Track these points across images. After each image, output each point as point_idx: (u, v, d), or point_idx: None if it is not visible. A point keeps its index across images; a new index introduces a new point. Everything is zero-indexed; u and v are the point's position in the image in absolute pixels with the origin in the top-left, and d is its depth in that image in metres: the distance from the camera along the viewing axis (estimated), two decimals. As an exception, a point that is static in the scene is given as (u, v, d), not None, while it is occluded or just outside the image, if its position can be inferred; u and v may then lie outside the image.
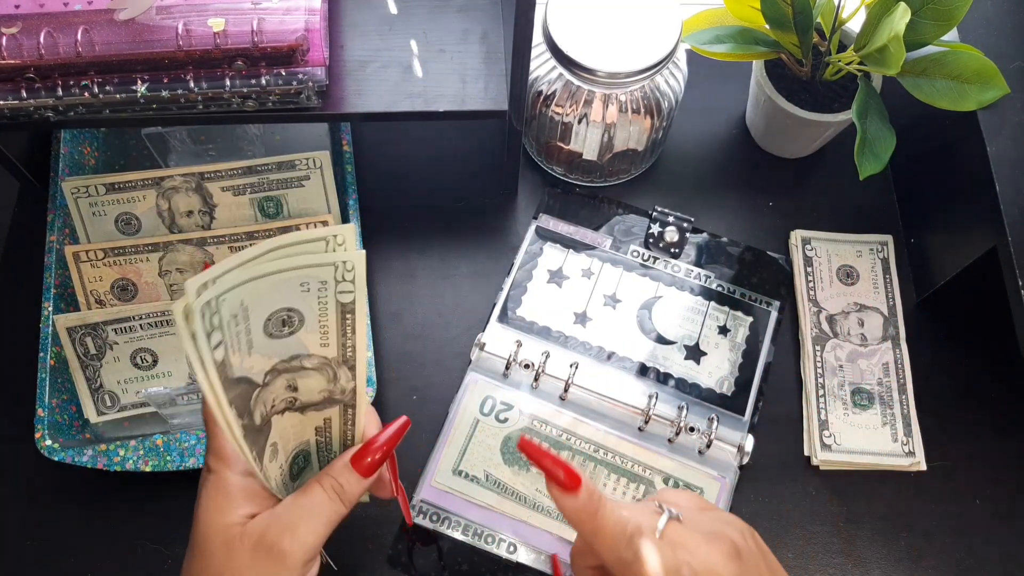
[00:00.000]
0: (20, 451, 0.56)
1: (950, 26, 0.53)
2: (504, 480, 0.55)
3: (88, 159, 0.63)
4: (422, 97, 0.54)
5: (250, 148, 0.64)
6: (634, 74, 0.56)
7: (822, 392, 0.59)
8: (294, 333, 0.35)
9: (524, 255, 0.63)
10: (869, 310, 0.62)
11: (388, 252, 0.64)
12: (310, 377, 0.37)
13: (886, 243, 0.64)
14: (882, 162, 0.55)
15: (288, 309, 0.34)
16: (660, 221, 0.63)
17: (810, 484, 0.57)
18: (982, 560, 0.55)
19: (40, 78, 0.49)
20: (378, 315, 0.61)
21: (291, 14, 0.49)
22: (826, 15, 0.60)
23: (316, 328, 0.35)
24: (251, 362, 0.35)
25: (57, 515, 0.56)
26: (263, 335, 0.34)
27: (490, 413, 0.57)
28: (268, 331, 0.34)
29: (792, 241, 0.64)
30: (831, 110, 0.61)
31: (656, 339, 0.60)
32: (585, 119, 0.60)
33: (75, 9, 0.48)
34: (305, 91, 0.51)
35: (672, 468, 0.55)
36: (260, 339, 0.34)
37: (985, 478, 0.57)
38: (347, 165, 0.61)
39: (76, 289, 0.57)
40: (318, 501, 0.38)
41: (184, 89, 0.50)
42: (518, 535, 0.53)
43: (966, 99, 0.54)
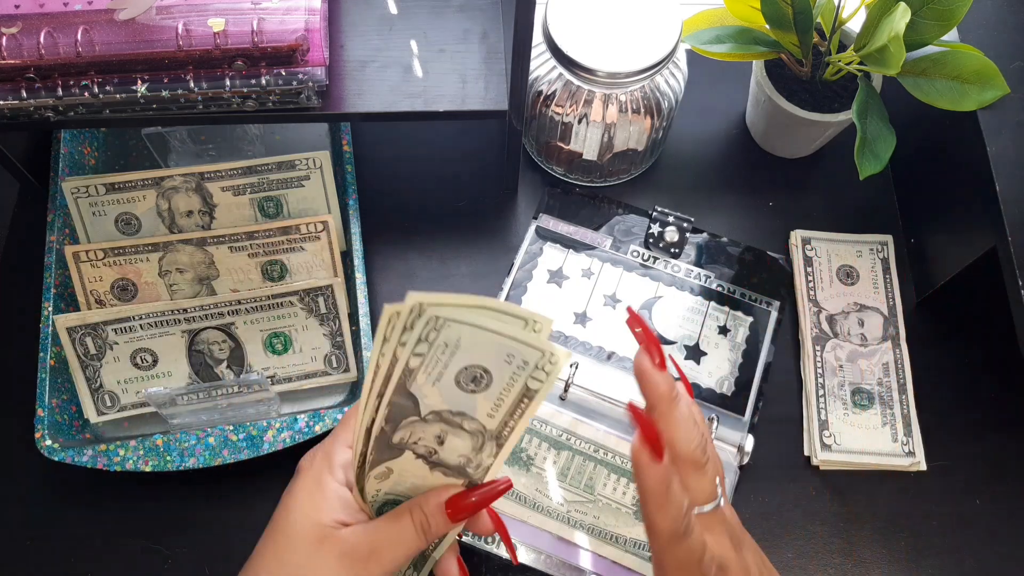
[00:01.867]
0: (20, 451, 0.56)
1: (950, 26, 0.53)
2: (504, 480, 0.55)
3: (88, 159, 0.63)
4: (422, 97, 0.54)
5: (250, 148, 0.64)
6: (634, 74, 0.56)
7: (822, 392, 0.59)
8: (475, 394, 0.36)
9: (524, 255, 0.63)
10: (869, 310, 0.62)
11: (388, 252, 0.64)
12: (460, 438, 0.38)
13: (886, 243, 0.64)
14: (882, 162, 0.55)
15: (486, 370, 0.35)
16: (660, 221, 0.63)
17: (810, 484, 0.57)
18: (982, 560, 0.55)
19: (40, 78, 0.49)
20: (378, 315, 0.61)
21: (291, 14, 0.49)
22: (826, 15, 0.60)
23: (495, 397, 0.36)
24: (430, 392, 0.36)
25: (57, 515, 0.56)
26: (453, 380, 0.36)
27: (490, 413, 0.57)
28: (458, 379, 0.36)
29: (792, 241, 0.64)
30: (831, 110, 0.61)
31: (656, 339, 0.60)
32: (585, 119, 0.60)
33: (75, 9, 0.48)
34: (305, 91, 0.51)
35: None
36: (450, 381, 0.36)
37: (985, 478, 0.57)
38: (347, 165, 0.61)
39: (76, 289, 0.57)
40: (407, 533, 0.39)
41: (184, 89, 0.50)
42: (518, 535, 0.53)
43: (966, 99, 0.54)
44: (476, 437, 0.38)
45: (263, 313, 0.57)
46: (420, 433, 0.38)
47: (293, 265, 0.59)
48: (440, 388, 0.36)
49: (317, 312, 0.57)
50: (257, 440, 0.53)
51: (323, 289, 0.57)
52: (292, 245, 0.58)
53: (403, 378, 0.35)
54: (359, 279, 0.58)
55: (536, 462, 0.55)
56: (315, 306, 0.57)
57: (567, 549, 0.53)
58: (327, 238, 0.58)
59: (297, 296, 0.57)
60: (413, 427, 0.38)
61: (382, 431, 0.37)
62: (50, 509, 0.56)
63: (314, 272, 0.59)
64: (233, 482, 0.55)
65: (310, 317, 0.57)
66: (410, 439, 0.38)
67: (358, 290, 0.57)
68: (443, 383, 0.36)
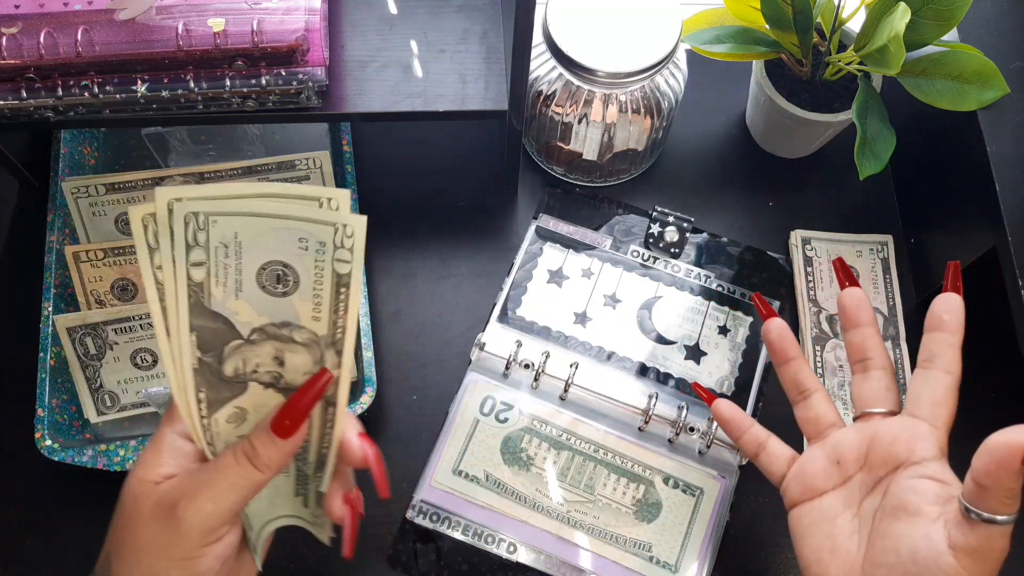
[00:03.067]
0: (20, 451, 0.56)
1: (950, 26, 0.53)
2: (504, 480, 0.55)
3: (88, 159, 0.63)
4: (422, 97, 0.54)
5: (250, 148, 0.64)
6: (634, 74, 0.56)
7: (822, 392, 0.59)
8: (288, 295, 0.33)
9: (524, 255, 0.63)
10: (869, 310, 0.62)
11: (388, 252, 0.64)
12: (298, 353, 0.35)
13: (886, 243, 0.64)
14: (882, 162, 0.55)
15: (284, 264, 0.33)
16: (660, 221, 0.63)
17: (810, 484, 0.57)
18: (982, 560, 0.55)
19: (40, 78, 0.49)
20: (378, 315, 0.61)
21: (291, 14, 0.49)
22: (826, 15, 0.60)
23: (310, 296, 0.34)
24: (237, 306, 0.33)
25: (57, 515, 0.56)
26: (255, 285, 0.33)
27: (490, 413, 0.57)
28: (261, 282, 0.33)
29: (792, 241, 0.64)
30: (831, 110, 0.61)
31: (656, 339, 0.60)
32: (585, 119, 0.60)
33: (75, 9, 0.48)
34: (305, 91, 0.51)
35: (672, 468, 0.55)
36: (252, 287, 0.33)
37: (985, 478, 0.57)
38: (347, 165, 0.61)
39: (76, 289, 0.57)
40: (225, 466, 0.35)
41: (184, 89, 0.50)
42: (518, 535, 0.53)
43: (966, 99, 0.54)
44: (312, 348, 0.35)
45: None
46: (254, 358, 0.35)
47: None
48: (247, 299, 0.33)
49: (317, 312, 0.57)
50: (257, 440, 0.53)
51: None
52: (292, 245, 0.58)
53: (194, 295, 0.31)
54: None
55: (536, 462, 0.55)
56: (315, 306, 0.57)
57: (567, 549, 0.53)
58: (327, 238, 0.58)
59: (297, 296, 0.57)
60: (242, 353, 0.34)
61: (201, 363, 0.33)
62: (50, 509, 0.56)
63: (314, 272, 0.59)
64: (233, 482, 0.55)
65: (310, 317, 0.57)
66: (246, 368, 0.35)
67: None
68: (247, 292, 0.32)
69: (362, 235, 0.33)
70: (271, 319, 0.34)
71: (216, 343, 0.33)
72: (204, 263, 0.31)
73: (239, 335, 0.34)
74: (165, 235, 0.31)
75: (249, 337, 0.34)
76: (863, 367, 0.45)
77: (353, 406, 0.53)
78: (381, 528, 0.54)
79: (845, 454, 0.43)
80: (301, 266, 0.33)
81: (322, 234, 0.32)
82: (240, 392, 0.35)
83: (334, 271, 0.33)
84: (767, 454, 0.47)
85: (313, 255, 0.32)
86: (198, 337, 0.33)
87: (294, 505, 0.42)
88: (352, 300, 0.34)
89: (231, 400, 0.36)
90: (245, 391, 0.36)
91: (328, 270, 0.33)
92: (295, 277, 0.33)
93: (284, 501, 0.42)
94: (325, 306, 0.34)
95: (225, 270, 0.32)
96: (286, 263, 0.32)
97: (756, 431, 0.49)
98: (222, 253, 0.31)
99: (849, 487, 0.43)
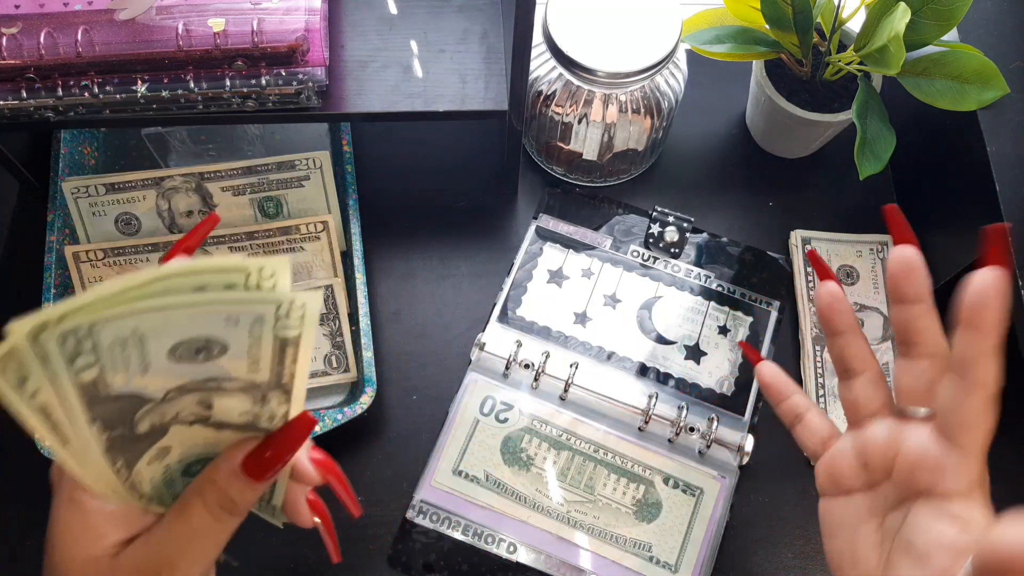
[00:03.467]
0: (20, 451, 0.56)
1: (950, 26, 0.53)
2: (504, 480, 0.55)
3: (88, 159, 0.63)
4: (422, 97, 0.54)
5: (250, 148, 0.64)
6: (634, 74, 0.56)
7: (822, 392, 0.59)
8: (210, 359, 0.29)
9: (524, 255, 0.63)
10: (869, 310, 0.62)
11: (388, 252, 0.64)
12: (231, 397, 0.31)
13: (886, 243, 0.64)
14: (882, 162, 0.55)
15: (208, 339, 0.28)
16: (660, 221, 0.63)
17: (810, 484, 0.57)
18: (982, 560, 0.55)
19: (40, 78, 0.49)
20: (378, 315, 0.61)
21: (291, 14, 0.49)
22: (826, 15, 0.60)
23: (243, 358, 0.29)
24: (145, 382, 0.28)
25: (57, 515, 0.56)
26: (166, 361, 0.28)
27: (490, 413, 0.57)
28: (174, 358, 0.28)
29: (792, 241, 0.64)
30: (831, 110, 0.61)
31: (656, 339, 0.60)
32: (585, 119, 0.60)
33: (75, 9, 0.48)
34: (305, 91, 0.51)
35: (672, 468, 0.55)
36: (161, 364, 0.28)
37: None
38: (347, 165, 0.61)
39: (76, 289, 0.57)
40: (201, 523, 0.32)
41: (184, 89, 0.50)
42: (518, 535, 0.53)
43: (966, 99, 0.54)
44: (250, 391, 0.31)
45: (263, 313, 0.57)
46: (172, 410, 0.30)
47: (293, 265, 0.59)
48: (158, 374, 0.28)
49: (317, 312, 0.57)
50: (257, 440, 0.53)
51: (323, 289, 0.57)
52: (292, 245, 0.58)
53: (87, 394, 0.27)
54: (359, 279, 0.58)
55: (536, 462, 0.55)
56: (315, 306, 0.57)
57: (567, 549, 0.53)
58: (327, 238, 0.58)
59: (297, 296, 0.57)
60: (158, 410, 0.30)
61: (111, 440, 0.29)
62: (50, 509, 0.56)
63: (314, 272, 0.59)
64: (233, 482, 0.55)
65: (310, 317, 0.57)
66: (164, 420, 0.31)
67: (358, 290, 0.57)
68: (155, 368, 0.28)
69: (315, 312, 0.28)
70: (189, 379, 0.29)
71: (125, 416, 0.29)
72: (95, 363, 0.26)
73: (149, 400, 0.29)
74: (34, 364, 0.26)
75: (164, 397, 0.30)
76: (908, 351, 0.38)
77: (353, 406, 0.54)
78: (381, 528, 0.54)
79: (872, 458, 0.38)
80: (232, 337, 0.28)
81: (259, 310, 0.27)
82: (158, 439, 0.31)
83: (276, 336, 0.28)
84: (804, 427, 0.42)
85: (246, 328, 0.27)
86: (103, 422, 0.28)
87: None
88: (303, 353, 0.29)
89: (148, 449, 0.32)
90: (165, 435, 0.32)
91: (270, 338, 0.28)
92: (220, 347, 0.28)
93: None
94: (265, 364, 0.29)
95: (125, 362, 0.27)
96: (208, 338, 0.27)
97: (796, 400, 0.43)
98: (118, 350, 0.26)
99: (876, 494, 0.38)
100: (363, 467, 0.57)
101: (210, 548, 0.32)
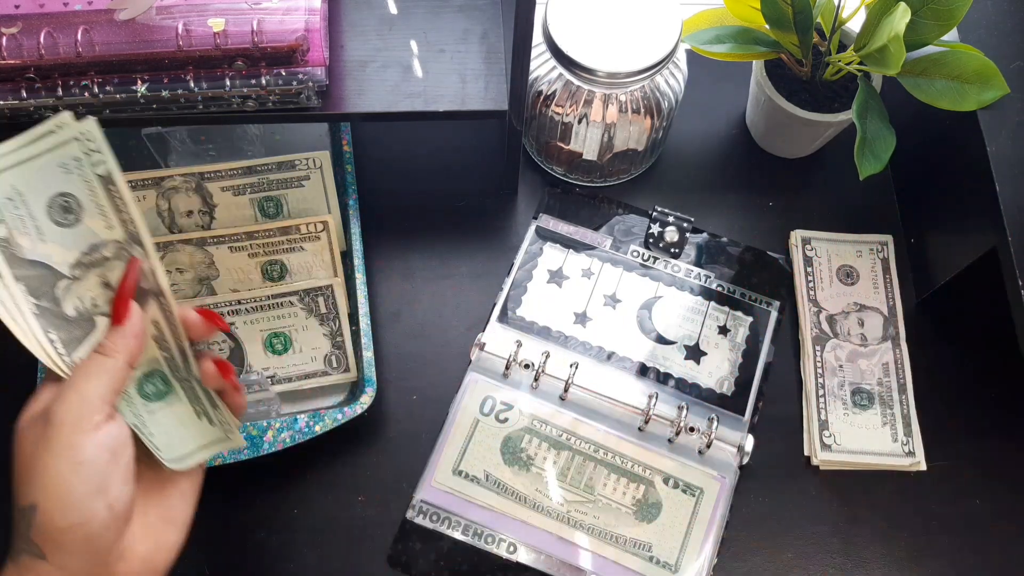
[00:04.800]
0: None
1: (950, 26, 0.53)
2: (504, 480, 0.55)
3: (88, 159, 0.63)
4: (422, 97, 0.54)
5: (250, 148, 0.64)
6: (634, 74, 0.56)
7: (822, 392, 0.59)
8: (80, 221, 0.38)
9: (524, 255, 0.63)
10: (869, 310, 0.62)
11: (388, 252, 0.64)
12: (116, 269, 0.40)
13: (886, 243, 0.64)
14: (882, 162, 0.55)
15: (62, 194, 0.38)
16: (660, 221, 0.63)
17: (810, 484, 0.57)
18: (982, 560, 0.55)
19: (40, 78, 0.49)
20: (378, 315, 0.61)
21: (291, 14, 0.49)
22: (826, 15, 0.60)
23: (95, 211, 0.38)
24: (47, 249, 0.38)
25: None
26: (51, 223, 0.38)
27: (490, 413, 0.57)
28: (54, 218, 0.38)
29: (792, 241, 0.64)
30: (831, 110, 0.61)
31: (656, 339, 0.60)
32: (585, 119, 0.60)
33: (75, 9, 0.48)
34: (305, 91, 0.51)
35: (672, 468, 0.55)
36: (49, 227, 0.38)
37: (985, 478, 0.57)
38: (347, 165, 0.61)
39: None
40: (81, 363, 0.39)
41: (184, 89, 0.50)
42: (518, 535, 0.53)
43: (966, 99, 0.54)
44: (121, 254, 0.40)
45: (263, 313, 0.57)
46: (87, 292, 0.39)
47: (293, 265, 0.59)
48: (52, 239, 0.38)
49: (317, 312, 0.57)
50: (257, 440, 0.53)
51: (323, 289, 0.57)
52: (292, 245, 0.58)
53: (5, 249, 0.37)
54: (359, 279, 0.58)
55: (536, 462, 0.55)
56: (315, 306, 0.57)
57: (567, 549, 0.53)
58: (327, 238, 0.58)
59: (297, 296, 0.57)
60: (74, 291, 0.39)
61: (40, 308, 0.38)
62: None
63: (314, 272, 0.59)
64: (233, 482, 0.55)
65: (310, 317, 0.57)
66: (84, 304, 0.39)
67: (358, 290, 0.57)
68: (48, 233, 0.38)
69: (98, 132, 0.38)
70: (80, 250, 0.39)
71: (45, 287, 0.38)
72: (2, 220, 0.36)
73: (63, 275, 0.38)
74: None
75: (72, 275, 0.39)
76: None
77: (353, 406, 0.54)
78: (381, 528, 0.54)
79: None
80: (75, 188, 0.38)
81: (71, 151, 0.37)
82: (91, 329, 0.40)
83: (97, 176, 0.38)
84: None
85: (76, 173, 0.38)
86: (26, 285, 0.37)
87: (200, 429, 0.43)
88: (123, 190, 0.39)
89: (86, 338, 0.39)
90: (95, 327, 0.40)
91: (93, 177, 0.38)
92: (76, 201, 0.38)
93: (190, 430, 0.43)
94: (110, 211, 0.39)
95: (22, 220, 0.37)
96: (63, 192, 0.38)
97: None
98: (11, 207, 0.37)
99: None
100: (363, 467, 0.57)
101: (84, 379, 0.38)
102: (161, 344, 0.42)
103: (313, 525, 0.55)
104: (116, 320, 0.40)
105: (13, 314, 0.37)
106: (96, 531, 0.37)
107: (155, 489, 0.41)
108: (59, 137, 0.37)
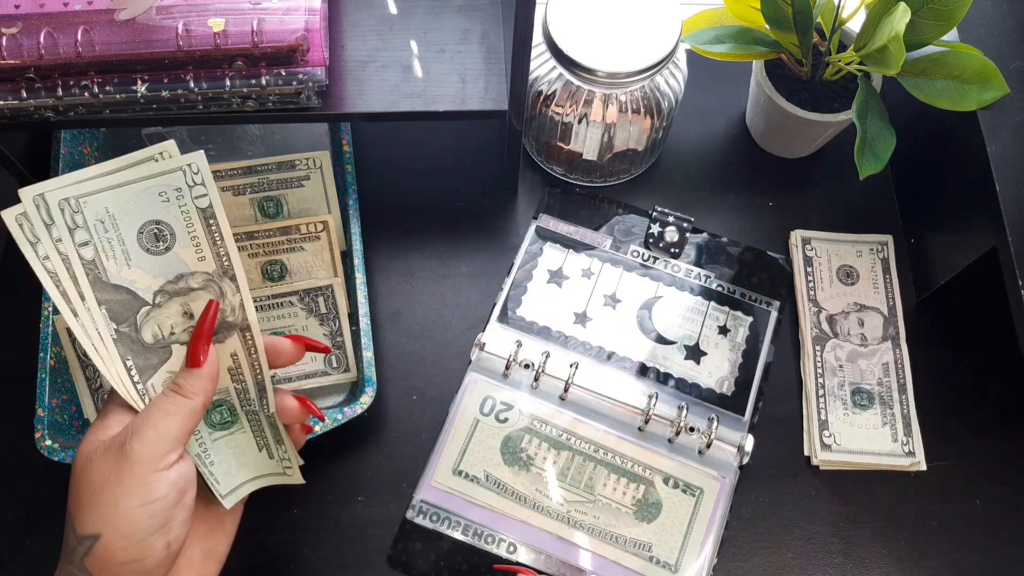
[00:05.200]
0: (20, 451, 0.56)
1: (950, 26, 0.53)
2: (504, 480, 0.55)
3: (88, 159, 0.63)
4: (422, 97, 0.54)
5: (250, 148, 0.64)
6: (634, 74, 0.56)
7: (822, 392, 0.59)
8: (170, 249, 0.38)
9: (524, 255, 0.63)
10: (869, 310, 0.62)
11: (388, 252, 0.64)
12: (200, 299, 0.39)
13: (886, 243, 0.64)
14: (882, 162, 0.55)
15: (157, 222, 0.37)
16: (660, 221, 0.63)
17: (810, 484, 0.57)
18: (982, 560, 0.55)
19: (40, 78, 0.49)
20: (378, 315, 0.61)
21: (291, 14, 0.49)
22: (826, 15, 0.60)
23: (188, 241, 0.38)
24: (132, 275, 0.38)
25: (57, 515, 0.55)
26: (140, 249, 0.37)
27: (490, 413, 0.57)
28: (144, 245, 0.37)
29: (792, 241, 0.64)
30: (831, 110, 0.61)
31: (656, 339, 0.60)
32: (585, 119, 0.60)
33: (75, 9, 0.48)
34: (305, 91, 0.51)
35: (672, 468, 0.55)
36: (138, 253, 0.38)
37: (985, 478, 0.57)
38: (347, 165, 0.61)
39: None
40: (157, 400, 0.39)
41: (184, 89, 0.50)
42: (518, 535, 0.53)
43: (966, 99, 0.54)
44: (210, 287, 0.39)
45: (263, 313, 0.57)
46: (167, 320, 0.39)
47: (293, 265, 0.59)
48: (139, 266, 0.38)
49: (317, 312, 0.57)
50: (257, 440, 0.53)
51: (323, 289, 0.57)
52: (292, 245, 0.58)
53: (91, 272, 0.37)
54: (359, 279, 0.58)
55: (536, 462, 0.55)
56: (315, 306, 0.57)
57: (567, 549, 0.53)
58: (327, 238, 0.58)
59: (297, 296, 0.57)
60: (155, 318, 0.39)
61: (119, 334, 0.38)
62: (50, 509, 0.56)
63: (314, 272, 0.59)
64: (233, 482, 0.56)
65: (310, 317, 0.57)
66: (163, 332, 0.39)
67: (358, 290, 0.57)
68: (135, 259, 0.38)
69: (205, 165, 0.38)
70: (166, 278, 0.39)
71: (127, 313, 0.38)
72: (90, 241, 0.36)
73: (145, 302, 0.38)
74: (41, 226, 0.36)
75: (155, 301, 0.38)
76: None
77: (353, 406, 0.54)
78: (381, 528, 0.54)
79: None
80: (170, 216, 0.38)
81: (173, 181, 0.37)
82: (167, 357, 0.40)
83: (197, 208, 0.38)
84: None
85: (176, 203, 0.37)
86: (108, 310, 0.37)
87: (260, 461, 0.44)
88: (223, 225, 0.38)
89: (161, 366, 0.40)
90: (171, 355, 0.40)
91: (192, 210, 0.38)
92: (170, 230, 0.38)
93: (250, 460, 0.43)
94: (204, 244, 0.38)
95: (110, 243, 0.37)
96: (158, 220, 0.37)
97: None
98: (102, 229, 0.36)
99: None
100: (363, 467, 0.57)
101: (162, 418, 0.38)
102: (234, 376, 0.42)
103: (313, 525, 0.55)
104: (192, 363, 0.40)
105: (95, 341, 0.38)
106: (149, 568, 0.37)
107: (203, 526, 0.42)
108: (163, 166, 0.37)
